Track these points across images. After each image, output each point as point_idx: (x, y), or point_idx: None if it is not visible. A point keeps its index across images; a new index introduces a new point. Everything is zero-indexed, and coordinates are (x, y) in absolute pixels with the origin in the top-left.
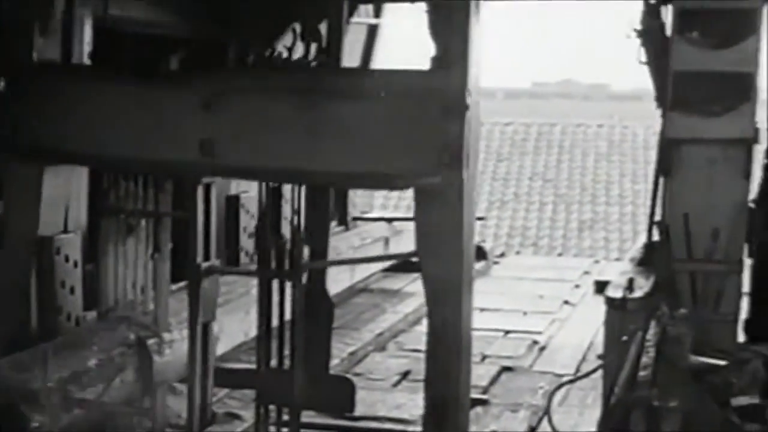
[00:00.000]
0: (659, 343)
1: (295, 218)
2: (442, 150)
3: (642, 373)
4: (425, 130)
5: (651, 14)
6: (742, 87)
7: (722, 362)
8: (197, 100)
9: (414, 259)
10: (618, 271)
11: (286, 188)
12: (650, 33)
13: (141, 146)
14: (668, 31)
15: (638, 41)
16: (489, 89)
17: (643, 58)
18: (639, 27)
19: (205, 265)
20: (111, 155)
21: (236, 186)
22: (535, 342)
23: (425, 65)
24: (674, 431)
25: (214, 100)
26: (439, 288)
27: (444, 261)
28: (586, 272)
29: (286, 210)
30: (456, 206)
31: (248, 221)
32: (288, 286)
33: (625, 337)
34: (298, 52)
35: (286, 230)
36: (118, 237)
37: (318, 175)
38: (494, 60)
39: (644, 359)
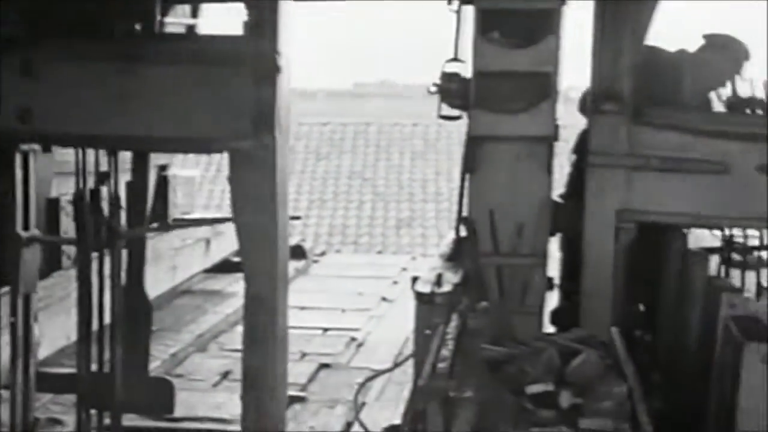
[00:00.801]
0: (458, 336)
1: (113, 187)
2: (255, 114)
3: (441, 365)
4: (238, 94)
5: (449, 77)
6: (542, 86)
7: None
8: (17, 66)
9: (235, 259)
10: (428, 267)
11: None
12: (450, 93)
13: None
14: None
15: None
16: (310, 90)
17: (443, 112)
18: (438, 83)
19: (25, 234)
20: None
21: None
22: (353, 339)
23: None
24: (469, 420)
25: (34, 66)
26: (254, 254)
27: (258, 220)
28: (404, 269)
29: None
30: (269, 168)
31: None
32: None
33: (428, 331)
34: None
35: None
36: None
37: (134, 140)
38: (315, 61)
39: (444, 351)
